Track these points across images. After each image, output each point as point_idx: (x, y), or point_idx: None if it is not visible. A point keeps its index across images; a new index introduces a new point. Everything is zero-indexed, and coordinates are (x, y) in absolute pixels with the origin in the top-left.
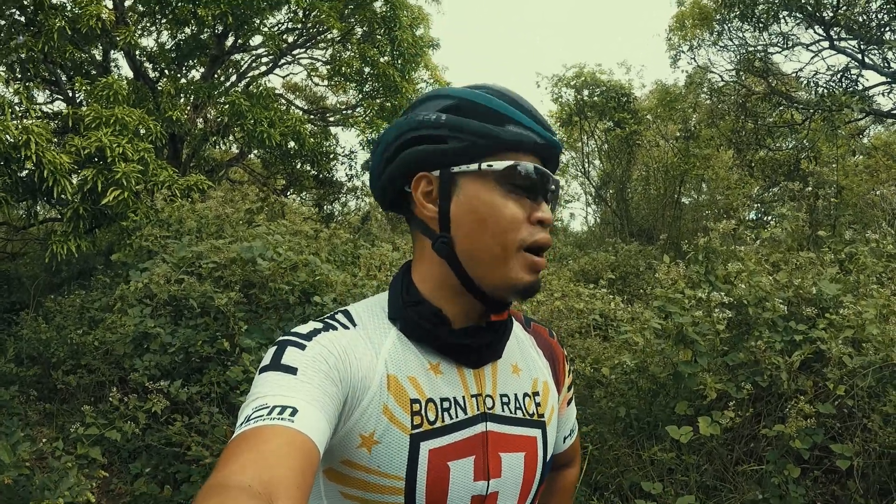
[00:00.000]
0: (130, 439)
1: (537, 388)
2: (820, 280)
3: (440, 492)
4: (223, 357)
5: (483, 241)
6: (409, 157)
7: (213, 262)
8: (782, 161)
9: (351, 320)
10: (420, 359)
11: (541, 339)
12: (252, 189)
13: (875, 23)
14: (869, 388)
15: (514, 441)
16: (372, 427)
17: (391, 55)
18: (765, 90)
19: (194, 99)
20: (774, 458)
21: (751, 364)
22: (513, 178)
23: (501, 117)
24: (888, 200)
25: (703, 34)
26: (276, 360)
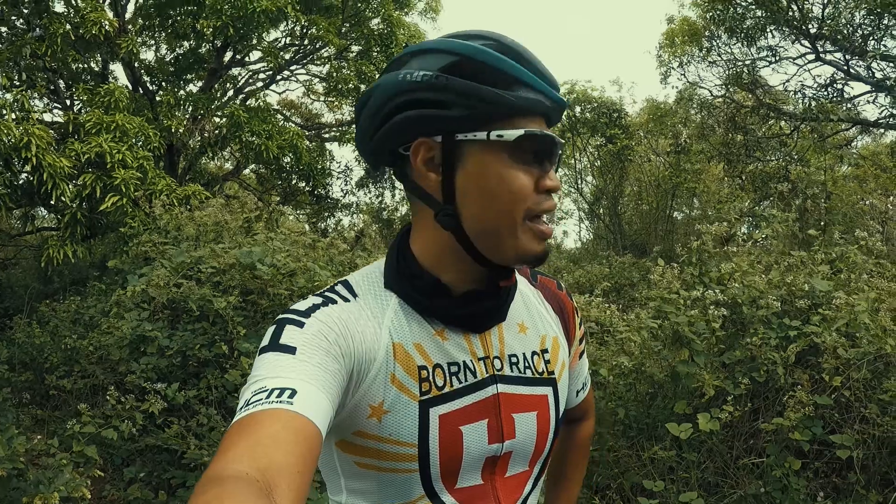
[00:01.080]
0: (127, 440)
1: (545, 344)
2: (812, 278)
3: (454, 456)
4: (221, 361)
5: (491, 213)
6: (407, 122)
7: (212, 266)
8: (772, 173)
9: (351, 291)
10: (424, 325)
11: (548, 293)
12: (250, 198)
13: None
14: (864, 378)
15: (526, 401)
16: (381, 397)
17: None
18: (753, 103)
19: (193, 110)
20: (775, 452)
21: (747, 361)
22: (523, 146)
23: (509, 79)
24: (877, 208)
25: (693, 50)
26: (275, 340)
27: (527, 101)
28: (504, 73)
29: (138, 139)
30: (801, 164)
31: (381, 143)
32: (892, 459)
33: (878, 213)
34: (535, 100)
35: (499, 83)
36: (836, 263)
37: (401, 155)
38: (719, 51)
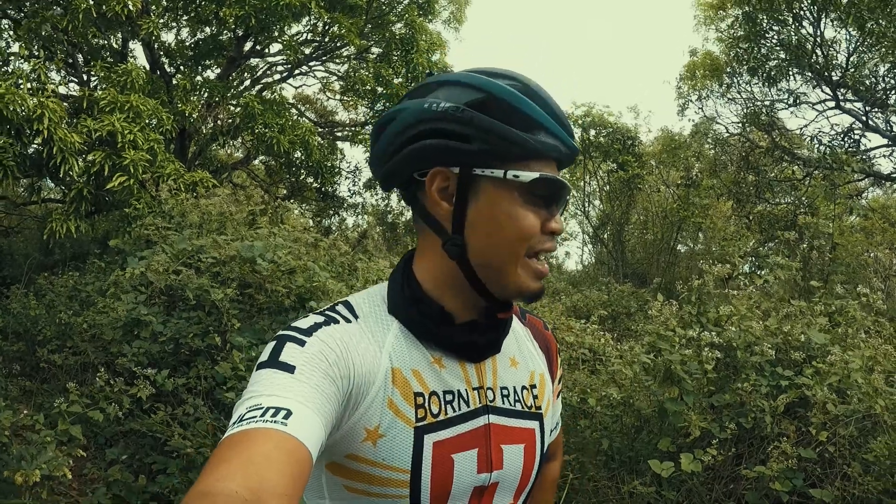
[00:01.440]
0: (112, 422)
1: (534, 380)
2: (809, 329)
3: (444, 484)
4: (213, 352)
5: (496, 248)
6: (426, 149)
7: (213, 257)
8: (780, 216)
9: (352, 312)
10: (423, 352)
11: (536, 331)
12: (257, 191)
13: (881, 86)
14: (850, 436)
15: (515, 433)
16: (377, 421)
17: (405, 77)
18: (768, 145)
19: (208, 97)
20: (754, 500)
21: (736, 406)
22: (535, 189)
23: (531, 122)
24: (881, 262)
25: (713, 85)
26: (275, 357)
27: (544, 146)
28: (527, 115)
29: (151, 121)
30: (809, 210)
31: (397, 166)
32: None
33: (882, 268)
34: (553, 145)
35: (520, 125)
36: (835, 317)
37: (415, 180)
38: (739, 88)
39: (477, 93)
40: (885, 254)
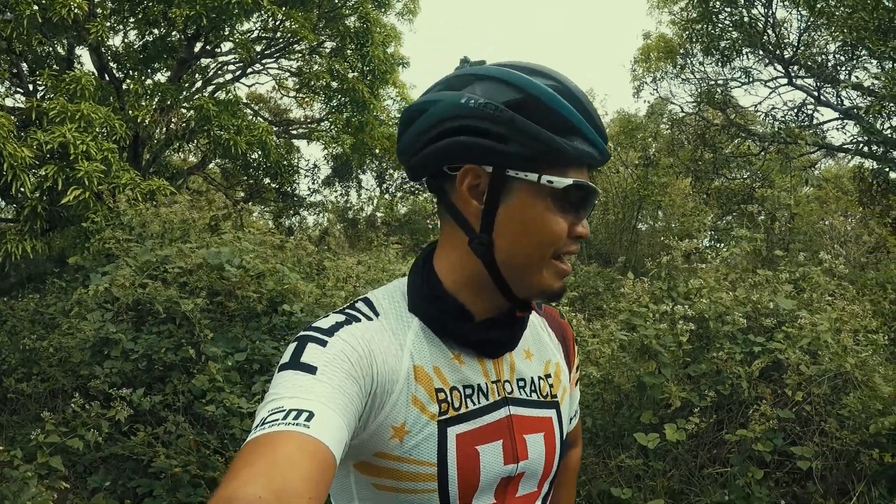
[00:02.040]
0: (92, 449)
1: (549, 370)
2: (776, 296)
3: (471, 476)
4: (188, 365)
5: (524, 250)
6: (460, 145)
7: (179, 266)
8: (737, 190)
9: (373, 309)
10: (443, 349)
11: (552, 321)
12: (219, 196)
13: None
14: (824, 394)
15: (534, 422)
16: (402, 418)
17: (361, 71)
18: (723, 122)
19: (160, 101)
20: (738, 462)
21: (712, 374)
22: (567, 195)
23: (569, 127)
24: (836, 229)
25: (667, 67)
26: (296, 358)
27: (580, 153)
28: (565, 119)
29: (103, 130)
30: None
31: (427, 158)
32: (849, 470)
33: (837, 234)
34: (589, 152)
35: (558, 129)
36: (800, 283)
37: (444, 173)
38: (692, 69)
39: (516, 92)
40: (839, 221)
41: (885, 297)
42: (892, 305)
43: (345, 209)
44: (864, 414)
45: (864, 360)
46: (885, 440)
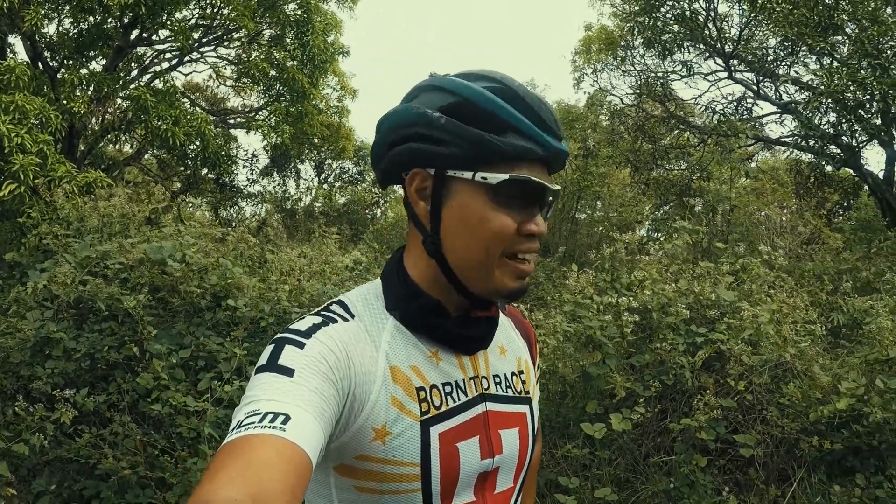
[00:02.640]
0: (38, 452)
1: (521, 366)
2: (718, 288)
3: (452, 473)
4: (133, 363)
5: (468, 249)
6: (406, 152)
7: (120, 262)
8: (675, 181)
9: (348, 311)
10: (420, 347)
11: (516, 320)
12: (158, 188)
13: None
14: (765, 384)
15: (510, 418)
16: (383, 419)
17: (300, 60)
18: (662, 114)
19: (95, 90)
20: (682, 450)
21: (656, 364)
22: (506, 191)
23: (502, 124)
24: (772, 220)
25: (608, 59)
26: (273, 361)
27: (515, 148)
28: (498, 118)
29: (38, 121)
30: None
31: (388, 166)
32: (789, 457)
33: (773, 225)
34: (525, 147)
35: (491, 128)
36: (740, 275)
37: (403, 180)
38: (633, 61)
39: (451, 97)
40: (776, 212)
41: (822, 288)
42: (828, 297)
43: (283, 199)
44: (805, 402)
45: (803, 351)
46: (824, 428)
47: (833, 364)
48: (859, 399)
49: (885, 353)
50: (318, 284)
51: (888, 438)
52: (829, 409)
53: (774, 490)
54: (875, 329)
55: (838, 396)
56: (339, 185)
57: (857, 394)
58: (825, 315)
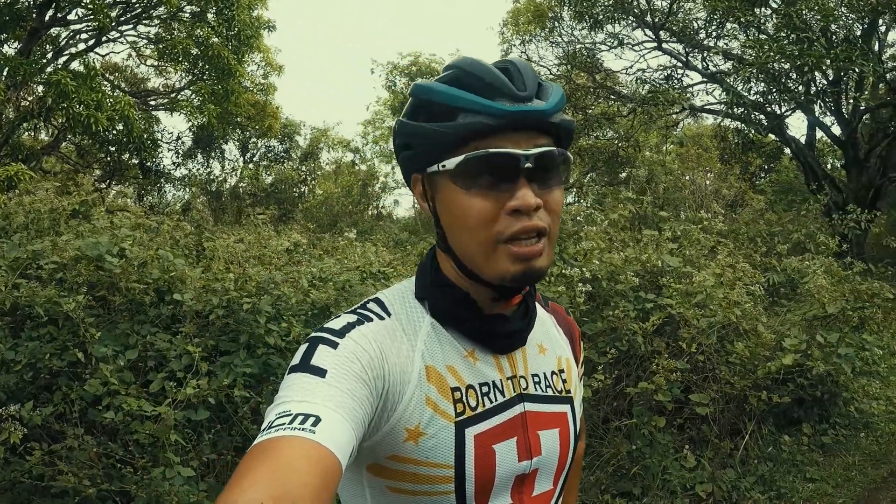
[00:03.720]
0: None
1: (562, 365)
2: (662, 254)
3: (488, 475)
4: (78, 370)
5: (462, 239)
6: (401, 161)
7: (54, 261)
8: (603, 148)
9: (385, 309)
10: (456, 346)
11: (559, 317)
12: (87, 179)
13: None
14: (714, 344)
15: (549, 418)
16: (417, 420)
17: (225, 36)
18: (590, 84)
19: (9, 77)
20: (641, 412)
21: (609, 332)
22: (468, 172)
23: (451, 110)
24: (697, 184)
25: (536, 30)
26: (306, 360)
27: (466, 126)
28: (444, 105)
29: None
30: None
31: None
32: (740, 412)
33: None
34: (474, 121)
35: (441, 116)
36: (681, 241)
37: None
38: (561, 32)
39: (413, 100)
40: (700, 176)
41: (756, 249)
42: (762, 258)
43: (207, 181)
44: (753, 360)
45: (747, 311)
46: (771, 382)
47: (775, 322)
48: (802, 353)
49: (823, 310)
50: (263, 271)
51: (830, 389)
52: (775, 365)
53: (728, 444)
54: (813, 287)
55: (783, 353)
56: (266, 164)
57: (801, 349)
58: (763, 276)
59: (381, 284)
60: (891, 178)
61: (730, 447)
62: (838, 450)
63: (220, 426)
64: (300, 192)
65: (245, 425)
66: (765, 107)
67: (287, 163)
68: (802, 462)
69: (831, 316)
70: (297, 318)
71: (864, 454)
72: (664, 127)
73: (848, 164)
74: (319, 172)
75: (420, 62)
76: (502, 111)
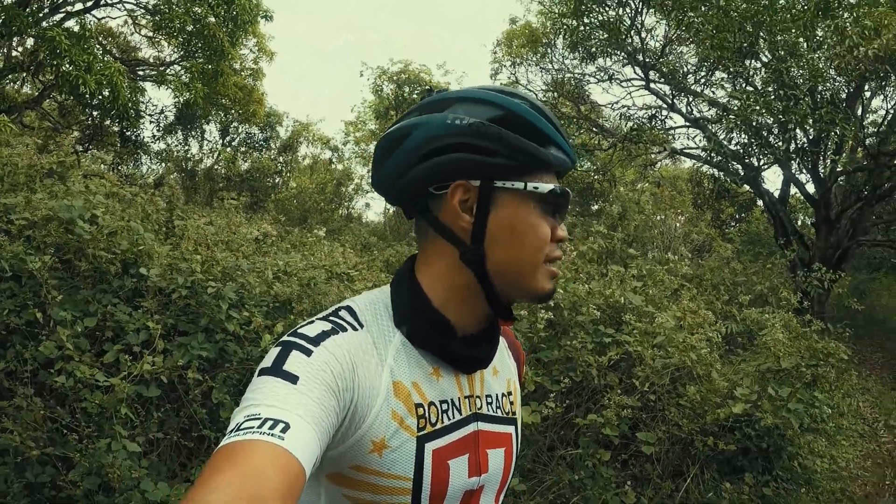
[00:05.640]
0: None
1: (510, 387)
2: (626, 292)
3: (442, 489)
4: (35, 330)
5: (517, 257)
6: (449, 163)
7: (25, 218)
8: (578, 179)
9: (357, 320)
10: (422, 364)
11: (509, 341)
12: (69, 140)
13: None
14: (666, 385)
15: (498, 438)
16: (382, 433)
17: (222, 17)
18: (574, 113)
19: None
20: (587, 444)
21: (564, 361)
22: (548, 200)
23: (545, 138)
24: (669, 226)
25: (528, 54)
26: (278, 365)
27: (557, 160)
28: (542, 132)
29: None
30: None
31: (415, 180)
32: (684, 454)
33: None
34: (563, 159)
35: (537, 139)
36: (645, 280)
37: (430, 194)
38: (552, 59)
39: (497, 109)
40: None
41: (718, 297)
42: (724, 306)
43: (184, 159)
44: (703, 405)
45: (702, 356)
46: (718, 429)
47: (729, 370)
48: (752, 404)
49: (777, 364)
50: (231, 258)
51: (776, 442)
52: (724, 413)
53: (669, 484)
54: (770, 340)
55: (734, 401)
56: (244, 150)
57: (751, 399)
58: (721, 323)
59: (344, 286)
60: (859, 241)
61: (671, 488)
62: (778, 503)
63: (170, 405)
64: (274, 183)
65: (194, 408)
66: (743, 158)
67: (265, 152)
68: None
69: (785, 370)
70: (258, 309)
71: None
72: (642, 165)
73: (818, 222)
74: (296, 166)
75: (410, 70)
76: (574, 160)
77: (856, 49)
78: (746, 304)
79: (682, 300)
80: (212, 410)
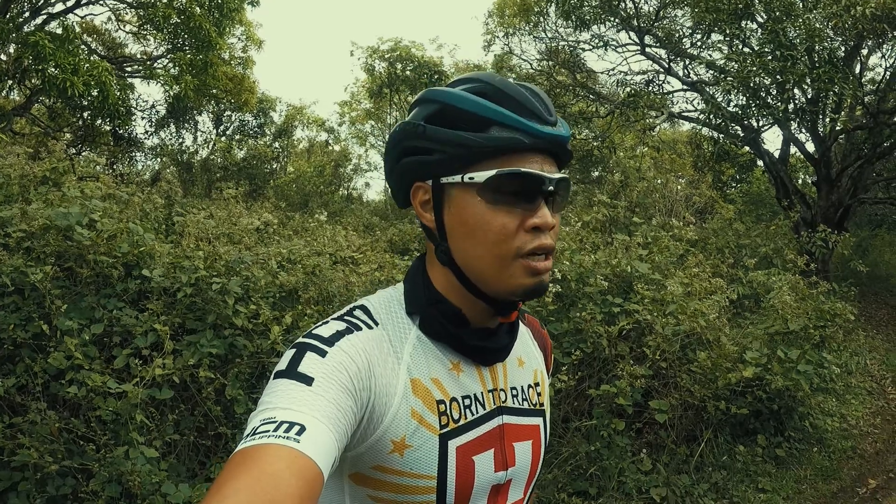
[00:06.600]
0: None
1: (537, 378)
2: (632, 260)
3: (467, 486)
4: (42, 342)
5: (476, 252)
6: (405, 167)
7: (23, 230)
8: (577, 147)
9: (371, 318)
10: (442, 359)
11: (534, 330)
12: (59, 145)
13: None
14: (676, 352)
15: (524, 430)
16: (402, 432)
17: (207, 7)
18: (570, 81)
19: None
20: (601, 415)
21: (574, 333)
22: (498, 188)
23: (483, 121)
24: (669, 188)
25: (521, 24)
26: (293, 367)
27: (497, 141)
28: (478, 116)
29: None
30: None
31: (396, 183)
32: (697, 419)
33: (670, 194)
34: (508, 137)
35: (474, 126)
36: (651, 247)
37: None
38: (545, 27)
39: (434, 105)
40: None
41: (724, 260)
42: (729, 269)
43: (179, 152)
44: (714, 370)
45: (711, 322)
46: (730, 393)
47: (738, 335)
48: (762, 367)
49: (785, 326)
50: (233, 251)
51: (787, 403)
52: (735, 377)
53: (684, 450)
54: (777, 303)
55: (744, 365)
56: (239, 138)
57: (761, 363)
58: (728, 286)
59: (349, 270)
60: (860, 199)
61: (686, 453)
62: (791, 463)
63: (184, 406)
64: (272, 169)
65: (209, 406)
66: (742, 119)
67: (260, 138)
68: (755, 472)
69: (793, 332)
70: (265, 301)
71: (816, 469)
72: (640, 130)
73: (819, 181)
74: (292, 150)
75: (400, 48)
76: (539, 132)
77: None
78: (752, 266)
79: (688, 266)
80: (226, 407)
